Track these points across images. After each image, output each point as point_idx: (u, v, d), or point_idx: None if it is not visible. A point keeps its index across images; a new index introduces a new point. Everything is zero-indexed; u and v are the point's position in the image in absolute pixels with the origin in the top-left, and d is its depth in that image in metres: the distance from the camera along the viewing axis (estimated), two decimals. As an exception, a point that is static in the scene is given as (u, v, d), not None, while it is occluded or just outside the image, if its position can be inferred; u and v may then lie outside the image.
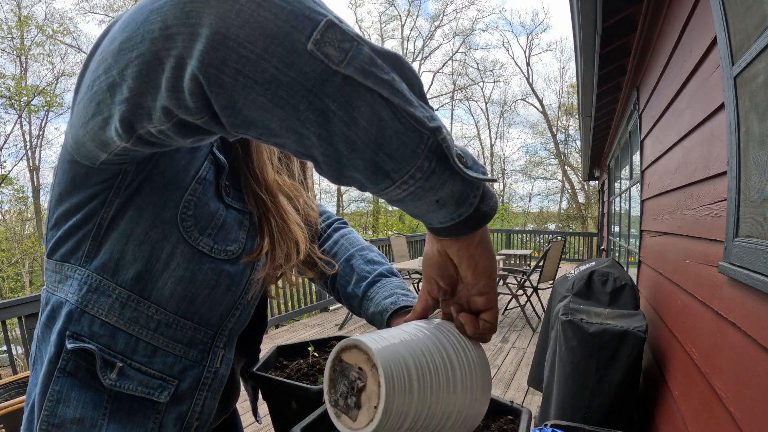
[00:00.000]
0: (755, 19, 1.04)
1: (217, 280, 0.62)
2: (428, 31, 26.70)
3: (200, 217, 0.60)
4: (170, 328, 0.61)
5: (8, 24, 17.45)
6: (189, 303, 0.61)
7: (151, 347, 0.60)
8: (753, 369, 1.02)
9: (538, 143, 26.72)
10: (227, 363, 0.68)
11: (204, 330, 0.64)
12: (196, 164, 0.60)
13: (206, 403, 0.66)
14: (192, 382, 0.64)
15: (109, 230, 0.57)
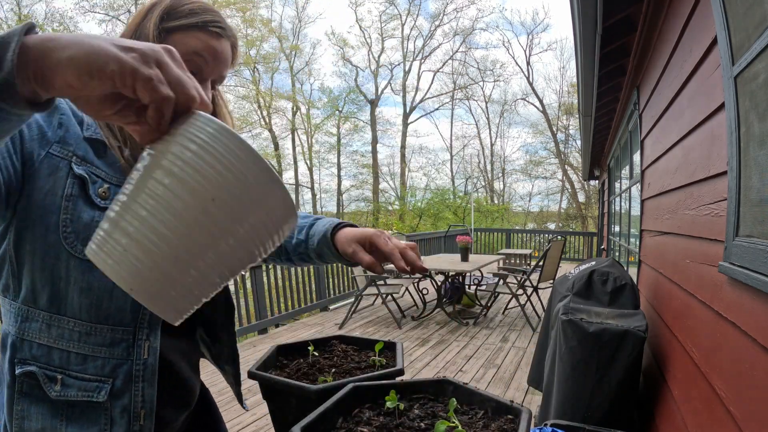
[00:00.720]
0: (755, 19, 1.04)
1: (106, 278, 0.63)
2: (428, 31, 26.70)
3: (79, 230, 0.65)
4: (91, 335, 0.68)
5: (8, 23, 17.44)
6: (97, 309, 0.68)
7: (80, 356, 0.68)
8: (753, 369, 1.02)
9: (539, 143, 26.72)
10: (154, 353, 0.72)
11: (122, 329, 0.70)
12: (60, 185, 0.65)
13: (145, 392, 0.72)
14: (125, 377, 0.70)
15: (19, 266, 0.66)
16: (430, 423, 0.96)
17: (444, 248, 10.32)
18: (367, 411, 1.03)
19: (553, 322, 2.26)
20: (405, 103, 26.77)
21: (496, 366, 3.85)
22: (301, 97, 25.99)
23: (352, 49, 26.98)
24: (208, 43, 0.74)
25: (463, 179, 27.45)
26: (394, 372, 1.25)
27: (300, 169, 26.43)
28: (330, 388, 1.11)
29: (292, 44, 25.48)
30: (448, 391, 1.08)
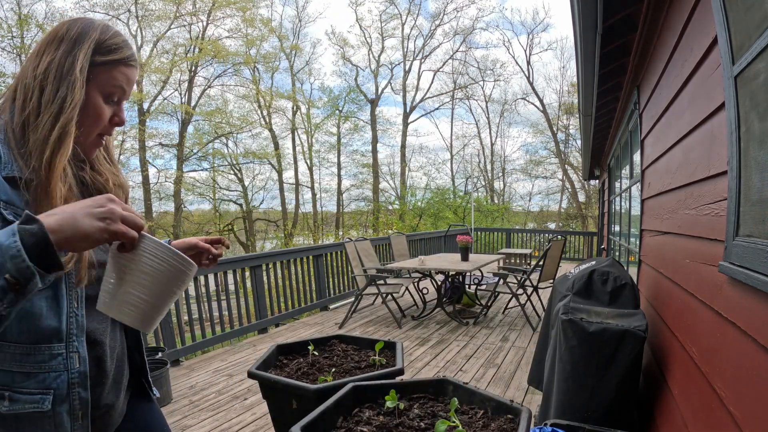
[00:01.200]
0: (756, 19, 1.04)
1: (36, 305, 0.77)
2: (429, 30, 26.67)
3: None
4: (30, 355, 0.77)
5: (8, 23, 17.44)
6: (32, 332, 0.77)
7: (23, 374, 0.77)
8: (753, 369, 1.02)
9: (539, 142, 26.70)
10: (84, 361, 0.84)
11: (56, 345, 0.80)
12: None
13: (81, 396, 0.83)
14: (64, 386, 0.81)
15: None
16: (430, 422, 0.96)
17: (444, 248, 10.32)
18: (367, 410, 1.03)
19: (553, 321, 2.26)
20: (405, 102, 26.77)
21: (496, 365, 3.85)
22: (301, 97, 25.99)
23: (352, 49, 26.98)
24: (129, 75, 0.89)
25: (464, 179, 27.44)
26: (394, 371, 1.25)
27: (300, 169, 26.43)
28: (330, 387, 1.11)
29: (293, 44, 25.46)
30: (448, 390, 1.08)
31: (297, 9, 25.97)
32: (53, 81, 0.80)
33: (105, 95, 0.86)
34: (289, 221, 25.77)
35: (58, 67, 0.81)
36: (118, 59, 0.86)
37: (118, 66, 0.86)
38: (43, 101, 0.79)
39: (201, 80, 22.86)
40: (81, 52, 0.81)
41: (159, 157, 22.49)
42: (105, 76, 0.85)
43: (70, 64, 0.81)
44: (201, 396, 3.35)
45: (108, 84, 0.86)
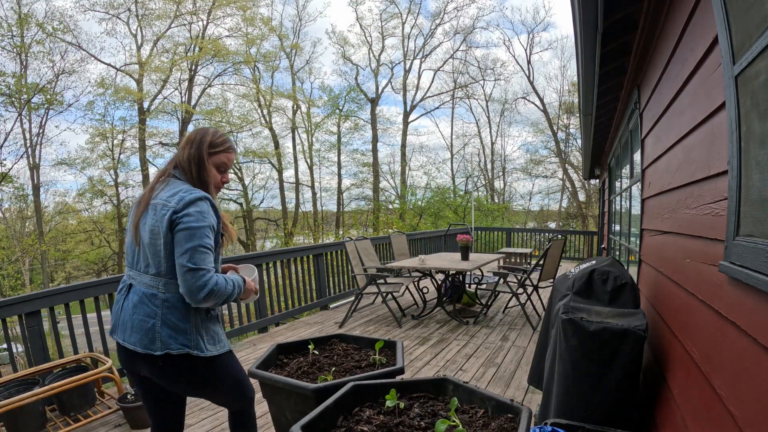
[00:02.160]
0: (756, 18, 1.04)
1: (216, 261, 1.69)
2: (429, 29, 26.67)
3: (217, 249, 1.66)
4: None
5: (8, 22, 17.43)
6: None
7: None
8: (753, 368, 1.02)
9: (539, 141, 26.70)
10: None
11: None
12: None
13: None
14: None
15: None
16: (430, 422, 0.96)
17: (444, 247, 10.32)
18: (367, 409, 1.03)
19: (553, 321, 2.26)
20: (405, 101, 26.76)
21: (496, 365, 3.85)
22: (302, 96, 25.99)
23: (352, 48, 26.98)
24: (229, 157, 1.74)
25: (464, 178, 27.44)
26: (394, 371, 1.25)
27: (300, 168, 26.44)
28: (330, 386, 1.11)
29: (293, 43, 25.46)
30: (448, 390, 1.08)
31: (297, 8, 25.98)
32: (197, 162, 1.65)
33: (217, 168, 1.70)
34: (290, 220, 25.78)
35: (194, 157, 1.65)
36: (221, 150, 1.70)
37: (222, 153, 1.70)
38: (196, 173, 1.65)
39: (201, 79, 22.88)
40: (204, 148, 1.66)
41: (159, 156, 22.51)
42: (215, 158, 1.69)
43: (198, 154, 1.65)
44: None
45: (218, 162, 1.70)
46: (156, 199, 1.57)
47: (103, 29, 28.22)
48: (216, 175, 1.69)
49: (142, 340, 1.52)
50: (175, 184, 1.61)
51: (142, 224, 1.59)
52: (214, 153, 1.66)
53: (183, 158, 1.65)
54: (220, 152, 1.67)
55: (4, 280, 17.96)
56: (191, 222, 1.49)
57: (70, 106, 19.84)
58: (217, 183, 1.71)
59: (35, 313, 3.14)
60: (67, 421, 2.86)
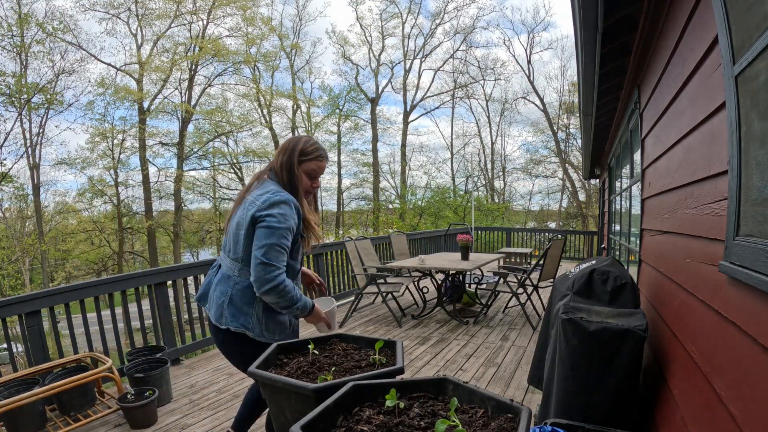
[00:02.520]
0: (756, 18, 1.04)
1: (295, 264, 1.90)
2: (429, 29, 26.66)
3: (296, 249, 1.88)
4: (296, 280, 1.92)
5: (8, 21, 17.42)
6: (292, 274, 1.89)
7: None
8: (753, 369, 1.02)
9: (539, 141, 26.69)
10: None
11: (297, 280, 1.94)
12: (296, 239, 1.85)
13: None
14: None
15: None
16: (430, 422, 0.96)
17: (444, 247, 10.32)
18: (367, 409, 1.03)
19: (553, 321, 2.26)
20: (405, 101, 26.75)
21: (496, 365, 3.85)
22: (302, 96, 25.98)
23: (352, 48, 26.96)
24: (319, 164, 1.89)
25: (464, 178, 27.42)
26: (394, 370, 1.25)
27: (300, 168, 26.38)
28: (330, 386, 1.11)
29: (293, 42, 25.45)
30: (448, 389, 1.08)
31: (297, 8, 25.97)
32: (287, 169, 1.83)
33: (307, 175, 1.87)
34: (290, 220, 25.72)
35: (286, 163, 1.83)
36: (311, 158, 1.86)
37: (312, 160, 1.86)
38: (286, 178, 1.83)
39: (201, 79, 22.86)
40: (294, 156, 1.84)
41: (159, 155, 22.50)
42: (305, 165, 1.85)
43: (290, 162, 1.83)
44: (201, 395, 3.35)
45: (308, 169, 1.86)
46: (248, 196, 1.80)
47: (103, 29, 28.25)
48: (306, 181, 1.86)
49: (215, 313, 1.81)
50: (266, 185, 1.80)
51: (233, 216, 1.84)
52: (304, 161, 1.83)
53: (277, 164, 1.84)
54: (310, 160, 1.84)
55: (4, 280, 17.96)
56: (272, 222, 1.67)
57: (70, 105, 19.84)
58: (307, 188, 1.88)
59: (35, 312, 3.14)
60: (67, 421, 2.86)
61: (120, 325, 3.79)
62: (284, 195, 1.74)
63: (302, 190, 1.85)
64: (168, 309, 4.13)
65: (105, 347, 3.67)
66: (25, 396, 2.52)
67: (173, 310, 4.44)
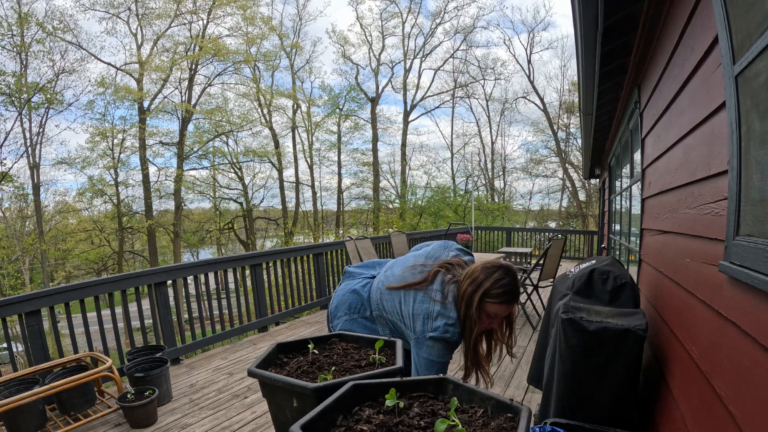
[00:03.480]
0: (756, 18, 1.04)
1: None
2: (429, 29, 26.64)
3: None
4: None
5: (8, 21, 17.41)
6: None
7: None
8: (753, 368, 1.02)
9: (539, 141, 26.68)
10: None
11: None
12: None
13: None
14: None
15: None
16: (429, 421, 0.96)
17: (444, 247, 10.29)
18: (367, 409, 1.03)
19: (553, 320, 2.26)
20: (406, 101, 26.74)
21: (495, 364, 3.85)
22: (302, 95, 25.97)
23: (352, 47, 26.95)
24: (501, 309, 1.65)
25: (464, 177, 27.43)
26: (394, 370, 1.25)
27: (300, 167, 26.42)
28: (330, 386, 1.11)
29: (293, 42, 25.44)
30: (448, 389, 1.08)
31: (297, 7, 25.98)
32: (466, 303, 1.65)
33: (487, 315, 1.66)
34: (290, 220, 25.77)
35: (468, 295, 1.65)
36: (497, 302, 1.63)
37: (496, 303, 1.64)
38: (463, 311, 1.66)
39: (201, 78, 22.85)
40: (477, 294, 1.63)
41: (159, 155, 22.48)
42: (488, 306, 1.64)
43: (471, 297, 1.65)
44: (201, 394, 3.35)
45: (490, 311, 1.65)
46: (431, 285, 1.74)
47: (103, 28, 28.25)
48: (484, 320, 1.68)
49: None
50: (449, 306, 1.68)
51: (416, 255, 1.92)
52: (487, 302, 1.63)
53: (460, 291, 1.69)
54: (493, 303, 1.63)
55: (4, 280, 17.96)
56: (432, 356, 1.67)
57: (70, 105, 19.83)
58: (486, 326, 1.71)
59: (35, 312, 3.14)
60: (67, 420, 2.86)
61: (120, 324, 3.80)
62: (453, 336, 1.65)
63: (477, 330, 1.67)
64: (168, 308, 4.13)
65: (105, 347, 3.67)
66: (25, 395, 2.52)
67: (173, 310, 4.44)
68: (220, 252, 25.99)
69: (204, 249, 25.60)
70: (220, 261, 4.95)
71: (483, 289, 1.62)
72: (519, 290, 1.65)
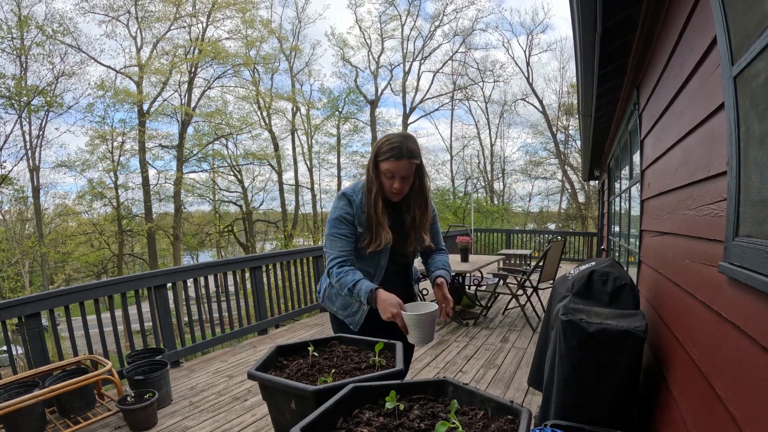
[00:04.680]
0: (755, 19, 1.04)
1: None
2: (428, 31, 26.69)
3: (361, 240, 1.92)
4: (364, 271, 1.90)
5: (8, 24, 17.43)
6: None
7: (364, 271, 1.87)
8: (753, 369, 1.02)
9: (538, 143, 26.71)
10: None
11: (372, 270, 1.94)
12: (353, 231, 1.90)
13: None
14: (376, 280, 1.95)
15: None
16: (430, 423, 0.96)
17: (444, 248, 10.29)
18: (367, 411, 1.03)
19: (552, 322, 2.26)
20: (405, 103, 26.77)
21: (496, 366, 3.85)
22: (301, 98, 25.99)
23: (351, 50, 27.00)
24: (393, 165, 1.76)
25: (463, 180, 27.44)
26: (395, 373, 1.25)
27: (300, 170, 26.44)
28: (330, 388, 1.10)
29: (292, 45, 25.48)
30: (448, 391, 1.08)
31: (297, 10, 26.07)
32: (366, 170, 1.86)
33: (385, 175, 1.79)
34: (289, 222, 25.76)
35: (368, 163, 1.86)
36: (385, 158, 1.77)
37: (387, 160, 1.76)
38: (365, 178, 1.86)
39: (201, 81, 22.88)
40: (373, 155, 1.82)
41: (159, 158, 22.50)
42: (381, 165, 1.79)
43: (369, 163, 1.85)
44: (201, 397, 3.35)
45: (384, 168, 1.78)
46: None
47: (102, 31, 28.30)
48: (385, 181, 1.81)
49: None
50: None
51: None
52: (380, 161, 1.79)
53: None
54: (384, 160, 1.77)
55: (3, 282, 17.93)
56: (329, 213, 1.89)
57: (70, 108, 19.84)
58: (388, 189, 1.82)
59: (35, 315, 3.14)
60: (66, 423, 2.86)
61: (120, 327, 3.79)
62: (343, 189, 1.89)
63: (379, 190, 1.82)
64: (168, 311, 4.13)
65: (105, 349, 3.67)
66: (24, 398, 2.51)
67: (173, 313, 4.44)
68: (219, 255, 25.98)
69: (204, 252, 25.59)
70: (220, 264, 4.94)
71: (376, 150, 1.81)
72: (410, 149, 1.75)
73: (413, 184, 1.87)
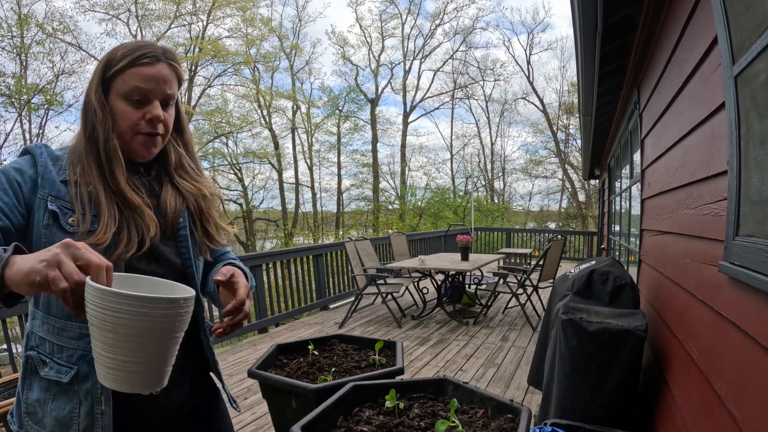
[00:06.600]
0: (756, 18, 1.04)
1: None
2: (428, 30, 26.66)
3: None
4: (64, 330, 0.90)
5: (8, 22, 17.42)
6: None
7: (59, 346, 0.90)
8: (753, 369, 1.02)
9: (539, 142, 26.67)
10: None
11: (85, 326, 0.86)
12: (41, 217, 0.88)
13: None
14: (88, 366, 0.88)
15: None
16: (430, 422, 0.96)
17: (444, 247, 10.32)
18: (367, 410, 1.03)
19: (553, 321, 2.26)
20: (405, 102, 26.75)
21: (496, 365, 3.85)
22: (301, 97, 25.97)
23: (352, 48, 26.95)
24: (144, 73, 0.91)
25: (464, 178, 27.43)
26: (394, 371, 1.25)
27: (300, 168, 26.42)
28: (330, 387, 1.11)
29: (292, 43, 25.45)
30: (448, 390, 1.08)
31: (297, 8, 25.99)
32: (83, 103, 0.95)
33: (125, 98, 0.92)
34: (289, 221, 25.76)
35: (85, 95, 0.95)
36: (124, 65, 0.91)
37: (126, 70, 0.91)
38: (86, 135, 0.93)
39: (201, 80, 22.85)
40: (94, 80, 0.93)
41: (159, 156, 22.46)
42: (118, 82, 0.92)
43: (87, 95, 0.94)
44: (201, 395, 3.35)
45: (122, 88, 0.91)
46: None
47: (103, 30, 28.19)
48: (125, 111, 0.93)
49: None
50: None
51: None
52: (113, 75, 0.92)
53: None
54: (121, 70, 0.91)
55: (3, 281, 17.94)
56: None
57: (70, 106, 19.80)
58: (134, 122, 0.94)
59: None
60: (66, 422, 2.86)
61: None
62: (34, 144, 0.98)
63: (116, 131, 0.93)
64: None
65: (105, 348, 3.67)
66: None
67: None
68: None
69: (204, 250, 25.54)
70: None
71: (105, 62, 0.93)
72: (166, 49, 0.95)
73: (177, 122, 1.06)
